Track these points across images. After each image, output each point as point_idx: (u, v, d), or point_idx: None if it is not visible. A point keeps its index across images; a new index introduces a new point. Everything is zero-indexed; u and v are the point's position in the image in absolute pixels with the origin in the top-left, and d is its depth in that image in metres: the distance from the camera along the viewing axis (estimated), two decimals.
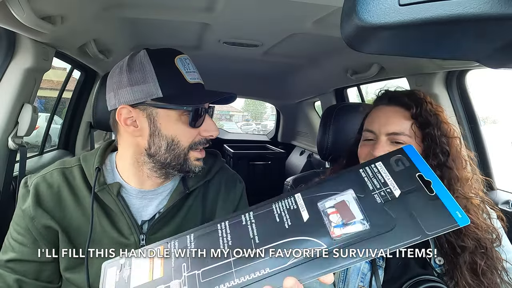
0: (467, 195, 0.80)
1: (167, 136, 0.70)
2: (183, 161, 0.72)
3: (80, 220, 0.71)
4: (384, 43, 0.31)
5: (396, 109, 0.82)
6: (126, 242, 0.71)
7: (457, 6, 0.25)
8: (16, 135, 1.15)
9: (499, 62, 0.33)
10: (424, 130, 0.80)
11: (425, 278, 0.77)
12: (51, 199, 0.71)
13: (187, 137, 0.71)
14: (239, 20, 1.25)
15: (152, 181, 0.75)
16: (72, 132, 1.92)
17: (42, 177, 0.73)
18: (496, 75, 10.84)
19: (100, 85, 1.08)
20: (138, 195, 0.75)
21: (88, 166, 0.74)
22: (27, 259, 0.70)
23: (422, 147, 0.80)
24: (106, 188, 0.72)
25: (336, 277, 0.83)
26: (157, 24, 1.36)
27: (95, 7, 1.08)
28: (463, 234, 0.77)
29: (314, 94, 2.61)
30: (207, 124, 0.73)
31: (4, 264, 0.70)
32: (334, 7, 1.03)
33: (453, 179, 0.79)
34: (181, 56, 0.71)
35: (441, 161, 0.79)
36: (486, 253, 0.77)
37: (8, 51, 1.08)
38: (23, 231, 0.71)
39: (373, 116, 0.86)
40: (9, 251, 0.71)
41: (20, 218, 0.71)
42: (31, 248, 0.70)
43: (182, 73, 0.69)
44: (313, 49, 1.63)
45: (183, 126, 0.70)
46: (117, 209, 0.72)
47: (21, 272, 0.69)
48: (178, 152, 0.71)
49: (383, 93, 0.89)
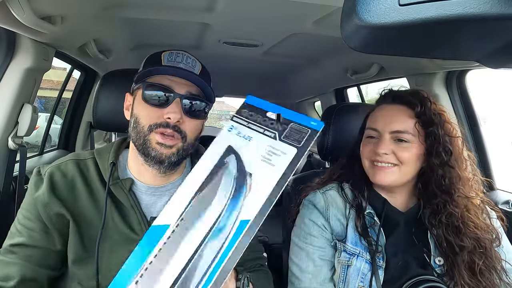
0: (468, 194, 0.80)
1: (134, 114, 0.75)
2: (143, 142, 0.72)
3: (92, 212, 0.73)
4: (384, 43, 0.31)
5: (400, 107, 0.83)
6: (136, 238, 0.72)
7: (457, 6, 0.25)
8: (16, 135, 1.15)
9: (499, 62, 0.33)
10: (427, 129, 0.80)
11: (425, 278, 0.77)
12: (65, 188, 0.73)
13: (147, 116, 0.72)
14: (239, 20, 1.25)
15: (154, 175, 0.76)
16: (72, 132, 1.92)
17: (56, 167, 0.75)
18: (496, 75, 10.82)
19: (100, 85, 1.08)
20: (147, 191, 0.77)
21: (103, 160, 0.76)
22: (34, 245, 0.71)
23: (425, 145, 0.80)
24: (119, 183, 0.74)
25: (336, 277, 0.83)
26: (157, 24, 1.36)
27: (95, 7, 1.08)
28: (462, 234, 0.77)
29: (314, 94, 2.61)
30: (170, 107, 0.71)
31: (8, 248, 0.71)
32: (334, 7, 1.03)
33: (454, 178, 0.79)
34: (174, 51, 0.76)
35: (443, 160, 0.79)
36: (485, 252, 0.77)
37: (8, 51, 1.08)
38: (33, 218, 0.71)
39: (376, 114, 0.86)
40: (16, 236, 0.71)
41: (31, 205, 0.72)
42: (40, 234, 0.71)
43: (162, 61, 0.74)
44: (313, 49, 1.63)
45: (145, 105, 0.72)
46: (128, 204, 0.73)
47: (25, 257, 0.70)
48: (139, 130, 0.72)
49: (387, 92, 0.90)
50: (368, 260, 0.81)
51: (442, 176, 0.79)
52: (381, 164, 0.81)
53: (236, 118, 0.54)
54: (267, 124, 0.53)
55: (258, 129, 0.52)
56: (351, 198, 0.87)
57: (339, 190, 0.89)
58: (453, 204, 0.78)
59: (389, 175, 0.80)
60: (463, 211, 0.78)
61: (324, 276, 0.83)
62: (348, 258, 0.82)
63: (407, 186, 0.85)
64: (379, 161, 0.81)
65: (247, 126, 0.53)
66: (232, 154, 0.50)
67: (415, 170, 0.82)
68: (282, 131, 0.52)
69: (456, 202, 0.79)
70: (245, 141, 0.51)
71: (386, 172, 0.80)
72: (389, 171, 0.80)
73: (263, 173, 0.48)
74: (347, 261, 0.82)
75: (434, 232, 0.80)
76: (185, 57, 0.76)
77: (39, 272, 0.71)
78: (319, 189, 0.90)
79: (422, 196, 0.83)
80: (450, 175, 0.79)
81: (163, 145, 0.71)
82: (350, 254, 0.82)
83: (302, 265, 0.84)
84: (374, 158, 0.82)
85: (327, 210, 0.86)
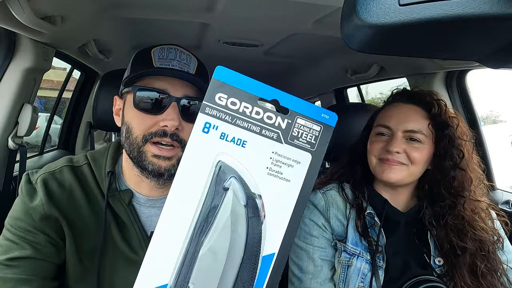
0: (478, 197, 0.80)
1: (125, 122, 0.67)
2: (138, 154, 0.64)
3: (91, 225, 0.66)
4: (384, 43, 0.31)
5: (416, 108, 0.83)
6: (136, 258, 0.67)
7: (457, 6, 0.25)
8: (16, 135, 1.15)
9: (499, 62, 0.33)
10: (441, 131, 0.80)
11: (425, 278, 0.77)
12: (64, 198, 0.66)
13: (140, 125, 0.64)
14: (239, 20, 1.25)
15: (152, 187, 0.70)
16: (72, 132, 1.92)
17: (50, 174, 0.68)
18: (496, 75, 10.82)
19: (100, 85, 1.08)
20: (146, 203, 0.71)
21: (99, 168, 0.69)
22: (42, 258, 0.64)
23: (436, 147, 0.80)
24: (118, 196, 0.68)
25: (336, 277, 0.83)
26: (157, 24, 1.35)
27: (95, 7, 1.08)
28: (467, 236, 0.77)
29: (314, 94, 2.61)
30: (166, 113, 0.63)
31: (5, 262, 0.63)
32: (334, 7, 1.03)
33: (466, 181, 0.80)
34: (165, 46, 0.68)
35: (456, 163, 0.79)
36: (487, 256, 0.77)
37: (8, 51, 1.08)
38: (33, 229, 0.65)
39: (389, 112, 0.86)
40: (14, 249, 0.64)
41: (27, 216, 0.65)
42: (47, 246, 0.65)
43: (153, 59, 0.65)
44: (313, 49, 1.63)
45: (137, 112, 0.64)
46: (128, 220, 0.67)
47: (31, 271, 0.63)
48: (131, 141, 0.64)
49: (402, 91, 0.90)
50: (368, 260, 0.81)
51: (453, 178, 0.79)
52: (391, 162, 0.80)
53: (211, 109, 0.36)
54: (261, 119, 0.37)
55: (252, 127, 0.37)
56: (351, 198, 0.87)
57: (340, 190, 0.89)
58: (463, 206, 0.78)
59: (398, 172, 0.80)
60: (471, 214, 0.79)
61: (324, 276, 0.83)
62: (349, 258, 0.82)
63: (410, 187, 0.85)
64: (390, 159, 0.80)
65: (232, 122, 0.36)
66: (232, 178, 0.35)
67: (421, 172, 0.82)
68: (287, 129, 0.38)
69: (466, 205, 0.79)
70: (238, 148, 0.36)
71: (395, 169, 0.80)
72: (398, 168, 0.80)
73: (276, 193, 0.36)
74: (347, 261, 0.82)
75: (434, 232, 0.80)
76: (179, 52, 0.68)
77: (44, 286, 0.64)
78: (320, 189, 0.90)
79: (426, 197, 0.83)
80: (462, 178, 0.79)
81: (161, 157, 0.64)
82: (350, 254, 0.82)
83: (303, 265, 0.84)
84: (384, 156, 0.81)
85: (327, 210, 0.86)
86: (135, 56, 0.70)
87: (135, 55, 0.71)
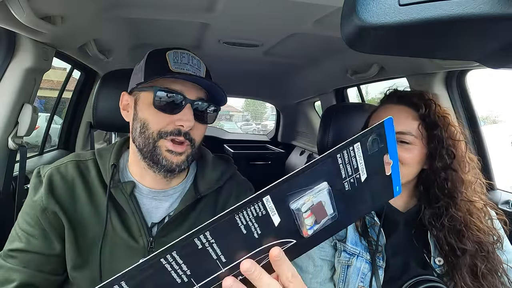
0: (471, 198, 0.80)
1: (141, 119, 0.71)
2: (153, 149, 0.69)
3: (91, 216, 0.71)
4: (384, 43, 0.31)
5: (405, 108, 0.83)
6: (136, 246, 0.71)
7: (457, 6, 0.25)
8: (16, 135, 1.15)
9: (499, 62, 0.33)
10: (431, 131, 0.80)
11: (425, 278, 0.77)
12: (65, 191, 0.71)
13: (157, 122, 0.69)
14: (239, 20, 1.25)
15: (156, 179, 0.74)
16: (72, 132, 1.92)
17: (56, 169, 0.73)
18: (496, 75, 10.82)
19: (100, 85, 1.08)
20: (149, 195, 0.75)
21: (103, 162, 0.74)
22: (33, 251, 0.69)
23: (428, 148, 0.80)
24: (120, 187, 0.72)
25: (336, 277, 0.83)
26: (157, 24, 1.35)
27: (95, 7, 1.08)
28: (465, 237, 0.77)
29: (314, 94, 2.61)
30: (182, 113, 0.69)
31: (8, 253, 0.70)
32: (334, 7, 1.03)
33: (457, 181, 0.79)
34: (178, 50, 0.73)
35: (446, 163, 0.79)
36: (487, 256, 0.77)
37: (8, 51, 1.08)
38: (33, 222, 0.70)
39: (380, 114, 0.86)
40: (16, 241, 0.70)
41: (31, 209, 0.70)
42: (39, 239, 0.70)
43: (168, 62, 0.71)
44: (313, 49, 1.63)
45: (155, 110, 0.69)
46: (129, 209, 0.71)
47: (24, 262, 0.69)
48: (147, 136, 0.69)
49: (392, 92, 0.90)
50: (368, 260, 0.81)
51: (445, 180, 0.79)
52: None
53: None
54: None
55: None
56: None
57: None
58: (455, 207, 0.78)
59: None
60: (465, 215, 0.78)
61: (324, 276, 0.83)
62: (348, 258, 0.82)
63: (408, 187, 0.85)
64: None
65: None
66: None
67: (415, 172, 0.82)
68: None
69: (459, 206, 0.78)
70: None
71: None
72: None
73: None
74: (347, 261, 0.82)
75: (434, 233, 0.80)
76: (191, 57, 0.74)
77: (39, 278, 0.70)
78: None
79: (423, 198, 0.83)
80: (453, 178, 0.79)
81: (173, 153, 0.69)
82: (350, 254, 0.82)
83: (302, 265, 0.84)
84: None
85: None
86: (150, 56, 0.75)
87: (149, 56, 0.75)
